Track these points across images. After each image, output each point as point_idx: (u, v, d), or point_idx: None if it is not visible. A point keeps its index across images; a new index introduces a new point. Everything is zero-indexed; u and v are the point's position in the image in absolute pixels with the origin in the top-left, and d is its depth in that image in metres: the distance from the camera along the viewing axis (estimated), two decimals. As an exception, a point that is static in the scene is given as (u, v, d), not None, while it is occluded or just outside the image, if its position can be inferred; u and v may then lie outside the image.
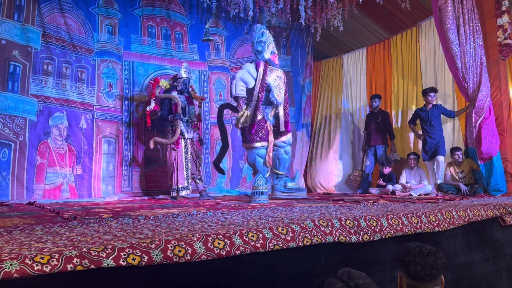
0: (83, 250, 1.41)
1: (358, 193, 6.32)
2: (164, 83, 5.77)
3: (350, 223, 2.21)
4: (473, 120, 4.92)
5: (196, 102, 5.99)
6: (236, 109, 5.70)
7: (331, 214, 2.53)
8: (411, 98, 6.53)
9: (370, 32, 7.37)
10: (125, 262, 1.45)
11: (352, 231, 2.18)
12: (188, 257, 1.60)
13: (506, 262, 2.91)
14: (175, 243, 1.60)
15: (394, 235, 2.32)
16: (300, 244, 1.94)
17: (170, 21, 6.82)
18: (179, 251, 1.59)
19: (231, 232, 1.79)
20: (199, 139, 5.67)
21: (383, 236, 2.28)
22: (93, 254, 1.40)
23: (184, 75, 5.56)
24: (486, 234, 2.88)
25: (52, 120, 5.55)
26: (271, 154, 4.61)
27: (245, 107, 4.61)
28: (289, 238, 1.92)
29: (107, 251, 1.44)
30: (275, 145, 4.72)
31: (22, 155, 5.19)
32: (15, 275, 1.24)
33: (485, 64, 4.89)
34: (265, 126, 4.59)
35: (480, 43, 4.89)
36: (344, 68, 7.77)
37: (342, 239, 2.12)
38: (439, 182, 5.42)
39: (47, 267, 1.30)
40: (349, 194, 6.36)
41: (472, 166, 5.21)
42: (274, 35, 7.42)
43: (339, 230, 2.13)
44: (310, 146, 7.89)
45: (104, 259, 1.41)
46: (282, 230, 1.94)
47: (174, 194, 5.21)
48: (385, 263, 2.27)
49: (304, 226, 2.03)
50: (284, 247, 1.89)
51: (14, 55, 5.26)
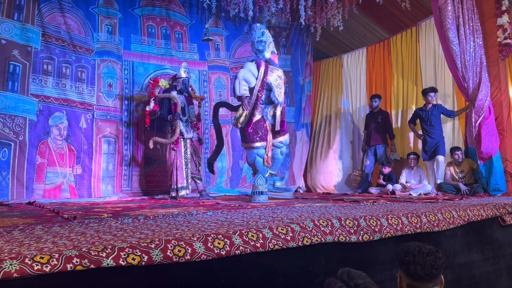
0: (83, 250, 1.41)
1: (358, 192, 6.32)
2: (163, 83, 5.77)
3: (350, 223, 2.21)
4: (473, 120, 4.91)
5: (195, 102, 6.00)
6: (233, 107, 5.70)
7: (331, 214, 2.53)
8: (411, 98, 6.53)
9: (370, 32, 7.37)
10: (125, 262, 1.45)
11: (352, 231, 2.18)
12: (188, 257, 1.60)
13: (506, 261, 2.91)
14: (175, 243, 1.60)
15: (394, 234, 2.32)
16: (300, 244, 1.94)
17: (170, 21, 6.82)
18: (179, 251, 1.59)
19: (231, 232, 1.79)
20: (198, 139, 5.67)
21: (383, 236, 2.27)
22: (93, 254, 1.40)
23: (183, 75, 5.56)
24: (486, 234, 2.89)
25: (52, 119, 5.55)
26: (270, 154, 4.61)
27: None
28: (289, 238, 1.92)
29: (107, 251, 1.44)
30: (272, 144, 4.72)
31: (22, 154, 5.19)
32: (15, 274, 1.24)
33: (485, 63, 4.89)
34: (264, 126, 4.58)
35: (480, 42, 4.89)
36: (344, 68, 7.77)
37: (342, 239, 2.12)
38: (439, 182, 5.42)
39: (47, 267, 1.30)
40: (349, 193, 6.37)
41: (472, 166, 5.20)
42: (274, 34, 7.41)
43: (339, 230, 2.13)
44: (310, 146, 7.89)
45: (104, 259, 1.41)
46: (282, 230, 1.93)
47: (173, 194, 5.21)
48: (384, 263, 2.27)
49: (304, 226, 2.03)
50: (284, 246, 1.89)
51: (14, 54, 5.26)
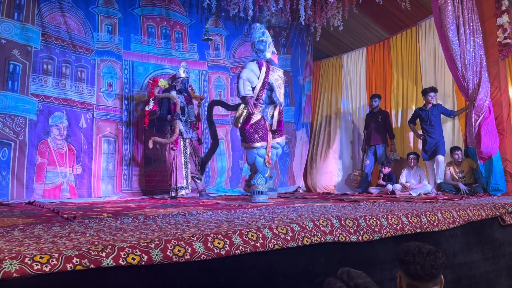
0: (83, 249, 1.41)
1: (357, 192, 6.32)
2: (163, 82, 5.77)
3: (349, 223, 2.21)
4: (472, 119, 4.91)
5: (195, 102, 6.00)
6: (229, 106, 5.70)
7: (330, 213, 2.53)
8: (411, 97, 6.53)
9: (370, 32, 7.36)
10: (124, 262, 1.45)
11: (352, 231, 2.18)
12: (188, 256, 1.60)
13: (505, 261, 2.91)
14: (174, 242, 1.60)
15: (393, 234, 2.32)
16: (299, 243, 1.94)
17: (170, 20, 6.82)
18: (179, 250, 1.59)
19: (230, 232, 1.79)
20: (197, 138, 5.67)
21: (382, 236, 2.27)
22: (92, 254, 1.40)
23: (182, 74, 5.56)
24: (485, 234, 2.88)
25: (52, 119, 5.55)
26: (270, 154, 4.62)
27: (243, 106, 4.59)
28: (288, 238, 1.92)
29: (107, 251, 1.44)
30: None
31: (22, 154, 5.19)
32: (15, 274, 1.24)
33: (484, 63, 4.89)
34: (264, 126, 4.59)
35: (480, 42, 4.89)
36: (344, 68, 7.76)
37: (342, 238, 2.12)
38: (438, 181, 5.42)
39: (46, 266, 1.30)
40: (349, 193, 6.37)
41: (471, 165, 5.20)
42: (274, 34, 7.43)
43: (338, 230, 2.13)
44: (310, 145, 7.89)
45: (104, 259, 1.41)
46: (281, 229, 1.93)
47: (173, 194, 5.22)
48: (384, 263, 2.27)
49: (303, 226, 2.03)
50: (283, 246, 1.89)
51: (14, 54, 5.26)
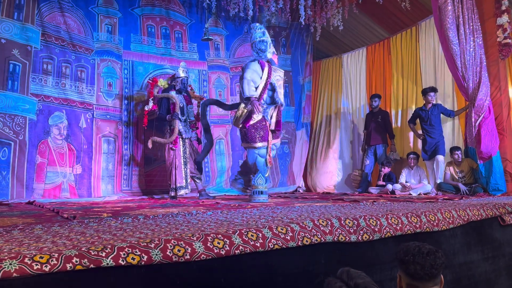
0: (83, 249, 1.41)
1: (357, 192, 6.32)
2: (162, 82, 5.77)
3: (349, 223, 2.21)
4: (472, 119, 4.91)
5: (194, 102, 5.99)
6: (224, 105, 5.70)
7: (330, 213, 2.53)
8: (411, 97, 6.53)
9: (370, 32, 7.36)
10: (124, 262, 1.45)
11: (352, 231, 2.18)
12: (188, 256, 1.60)
13: (505, 261, 2.92)
14: (174, 242, 1.60)
15: (393, 234, 2.32)
16: (299, 243, 1.94)
17: (170, 20, 6.82)
18: (179, 250, 1.59)
19: (230, 232, 1.79)
20: (197, 138, 5.67)
21: (382, 236, 2.27)
22: (92, 254, 1.40)
23: (182, 74, 5.56)
24: (485, 234, 2.88)
25: (52, 119, 5.55)
26: (271, 154, 4.63)
27: (243, 105, 4.59)
28: (288, 238, 1.92)
29: (107, 251, 1.44)
30: None
31: (22, 154, 5.19)
32: (15, 274, 1.24)
33: (484, 63, 4.89)
34: (265, 126, 4.59)
35: (480, 42, 4.89)
36: (344, 68, 7.76)
37: (342, 238, 2.12)
38: (438, 181, 5.42)
39: (46, 266, 1.30)
40: (348, 193, 6.37)
41: (471, 165, 5.20)
42: (274, 34, 7.43)
43: (338, 230, 2.13)
44: (310, 145, 7.88)
45: (104, 259, 1.41)
46: (281, 229, 1.93)
47: (172, 194, 5.22)
48: (384, 263, 2.26)
49: (303, 226, 2.03)
50: (283, 246, 1.89)
51: (13, 54, 5.26)
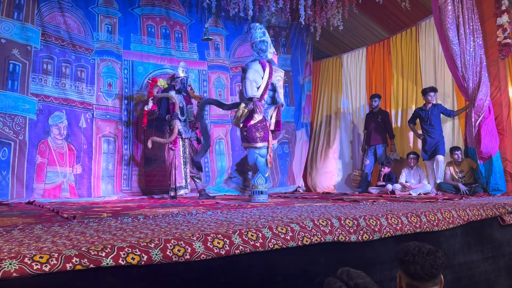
0: (83, 249, 1.41)
1: (357, 192, 6.32)
2: (162, 82, 5.77)
3: (349, 223, 2.21)
4: (472, 119, 4.91)
5: (194, 102, 5.99)
6: (224, 105, 5.69)
7: (330, 213, 2.53)
8: (411, 97, 6.53)
9: (370, 32, 7.36)
10: (124, 262, 1.45)
11: (352, 231, 2.18)
12: (188, 256, 1.60)
13: (505, 261, 2.92)
14: (174, 242, 1.60)
15: (393, 234, 2.32)
16: (299, 243, 1.94)
17: (170, 20, 6.81)
18: (179, 250, 1.59)
19: (230, 232, 1.79)
20: (196, 138, 5.67)
21: (382, 236, 2.27)
22: (92, 254, 1.40)
23: (181, 74, 5.55)
24: (485, 234, 2.89)
25: (52, 119, 5.55)
26: (272, 154, 4.62)
27: (243, 105, 4.59)
28: (288, 238, 1.92)
29: (107, 251, 1.44)
30: None
31: (22, 154, 5.19)
32: (14, 274, 1.24)
33: (484, 63, 4.89)
34: (266, 126, 4.59)
35: (480, 42, 4.89)
36: (344, 68, 7.76)
37: (342, 238, 2.12)
38: (438, 181, 5.42)
39: (46, 266, 1.30)
40: (348, 193, 6.36)
41: (471, 165, 5.20)
42: (274, 34, 7.43)
43: (338, 230, 2.13)
44: (310, 145, 7.88)
45: (104, 259, 1.41)
46: (281, 229, 1.93)
47: (172, 194, 5.22)
48: (384, 263, 2.27)
49: (303, 226, 2.03)
50: (283, 246, 1.89)
51: (13, 54, 5.25)
